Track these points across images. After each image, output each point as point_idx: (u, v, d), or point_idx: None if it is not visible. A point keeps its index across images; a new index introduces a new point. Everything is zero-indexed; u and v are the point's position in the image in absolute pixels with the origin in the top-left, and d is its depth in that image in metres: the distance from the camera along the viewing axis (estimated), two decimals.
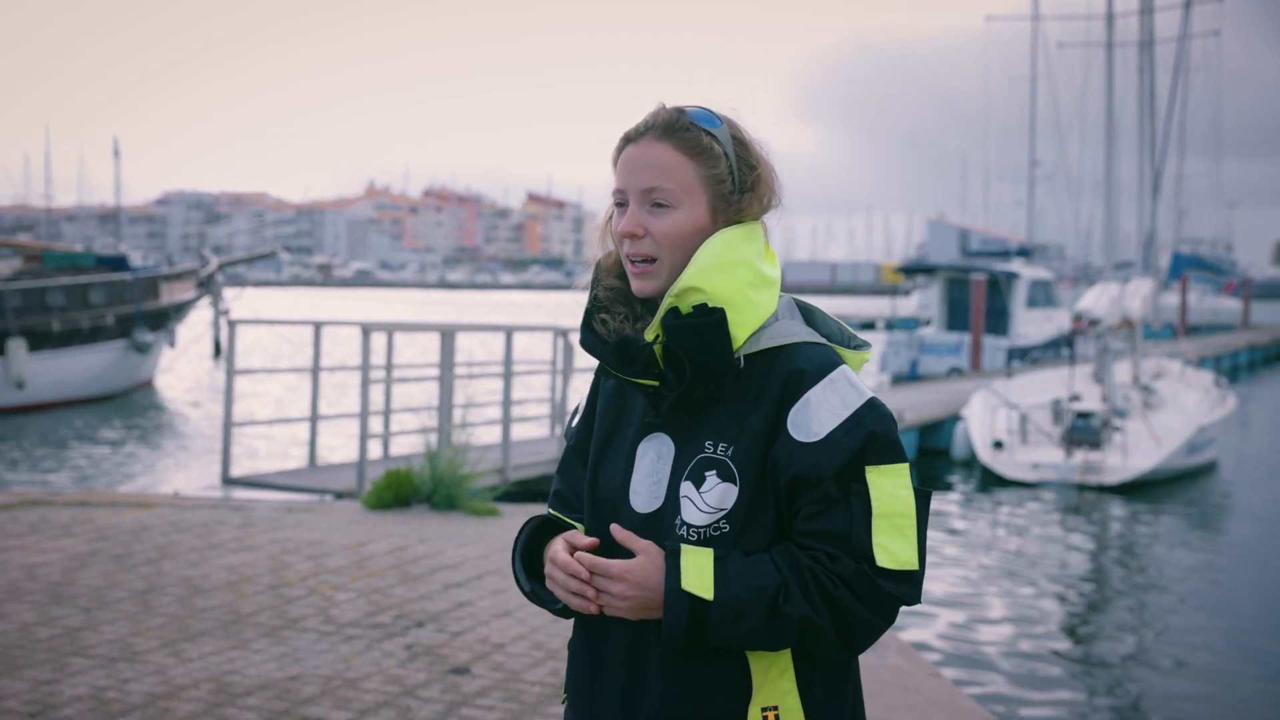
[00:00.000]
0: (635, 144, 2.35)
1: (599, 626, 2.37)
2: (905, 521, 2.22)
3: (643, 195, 2.32)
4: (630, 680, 2.32)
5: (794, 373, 2.27)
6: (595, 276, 2.44)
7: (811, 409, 2.24)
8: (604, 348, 2.35)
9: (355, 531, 9.94)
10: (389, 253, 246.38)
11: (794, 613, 2.15)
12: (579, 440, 2.55)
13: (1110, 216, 25.76)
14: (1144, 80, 27.53)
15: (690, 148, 2.32)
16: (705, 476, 2.27)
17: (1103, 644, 10.94)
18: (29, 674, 6.18)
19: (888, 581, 2.19)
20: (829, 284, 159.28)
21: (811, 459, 2.22)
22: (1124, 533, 16.30)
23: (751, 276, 2.32)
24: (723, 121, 2.37)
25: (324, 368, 13.78)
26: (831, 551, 2.19)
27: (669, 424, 2.34)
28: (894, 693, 6.61)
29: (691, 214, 2.32)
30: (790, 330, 2.33)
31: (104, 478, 18.76)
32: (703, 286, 2.27)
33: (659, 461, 2.34)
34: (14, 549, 8.99)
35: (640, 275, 2.33)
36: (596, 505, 2.41)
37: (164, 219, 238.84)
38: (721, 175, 2.33)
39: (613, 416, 2.46)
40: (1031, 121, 48.06)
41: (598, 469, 2.44)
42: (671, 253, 2.31)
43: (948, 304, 37.14)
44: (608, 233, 2.45)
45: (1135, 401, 22.43)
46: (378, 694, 6.03)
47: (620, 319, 2.40)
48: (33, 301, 26.92)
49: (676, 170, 2.31)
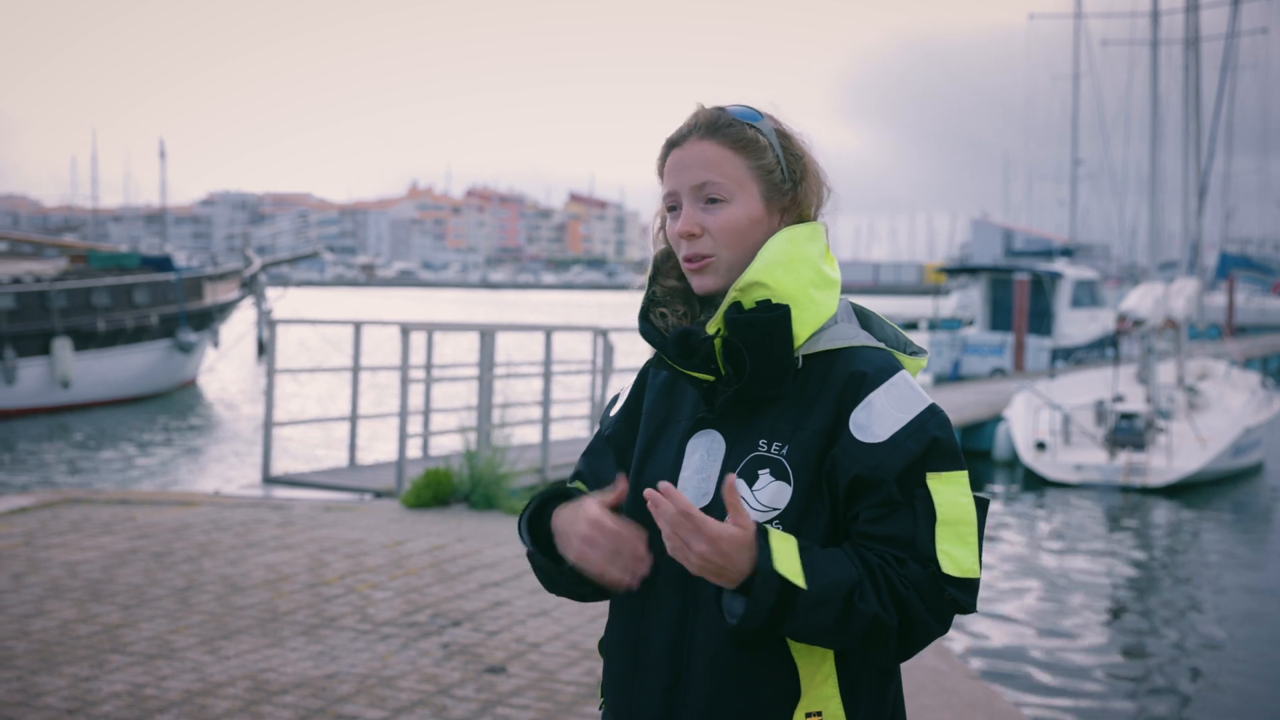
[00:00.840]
0: (680, 147, 2.34)
1: (639, 624, 2.34)
2: (968, 529, 2.20)
3: (695, 192, 2.31)
4: (674, 680, 2.28)
5: (855, 375, 2.25)
6: (652, 274, 2.43)
7: (875, 411, 2.22)
8: (663, 339, 2.33)
9: (393, 530, 9.96)
10: (431, 253, 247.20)
11: (868, 610, 2.11)
12: (615, 431, 2.51)
13: (1154, 216, 25.57)
14: (1189, 78, 27.32)
15: (736, 141, 2.31)
16: (758, 475, 2.24)
17: (1144, 650, 10.85)
18: (68, 670, 6.22)
19: (950, 588, 2.17)
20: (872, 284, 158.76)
21: (875, 459, 2.19)
22: (1168, 536, 16.17)
23: (815, 276, 2.30)
24: (763, 115, 2.36)
25: (364, 367, 13.83)
26: (899, 555, 2.17)
27: (721, 421, 2.32)
28: (930, 694, 6.57)
29: (746, 207, 2.30)
30: (850, 333, 2.32)
31: (146, 476, 18.89)
32: (767, 282, 2.25)
33: (709, 458, 2.31)
34: (56, 546, 9.05)
35: (698, 271, 2.31)
36: (641, 499, 2.39)
37: (209, 219, 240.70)
38: (770, 165, 2.32)
39: (662, 412, 2.43)
40: (1074, 120, 47.74)
41: (644, 464, 2.41)
42: (729, 248, 2.29)
43: (991, 304, 36.95)
44: (659, 238, 2.44)
45: (1180, 402, 22.24)
46: (413, 693, 6.04)
47: (679, 315, 2.38)
48: (78, 301, 27.13)
49: (725, 164, 2.30)
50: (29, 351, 25.94)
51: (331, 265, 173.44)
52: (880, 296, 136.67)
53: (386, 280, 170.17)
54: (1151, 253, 25.45)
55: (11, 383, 25.48)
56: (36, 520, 10.01)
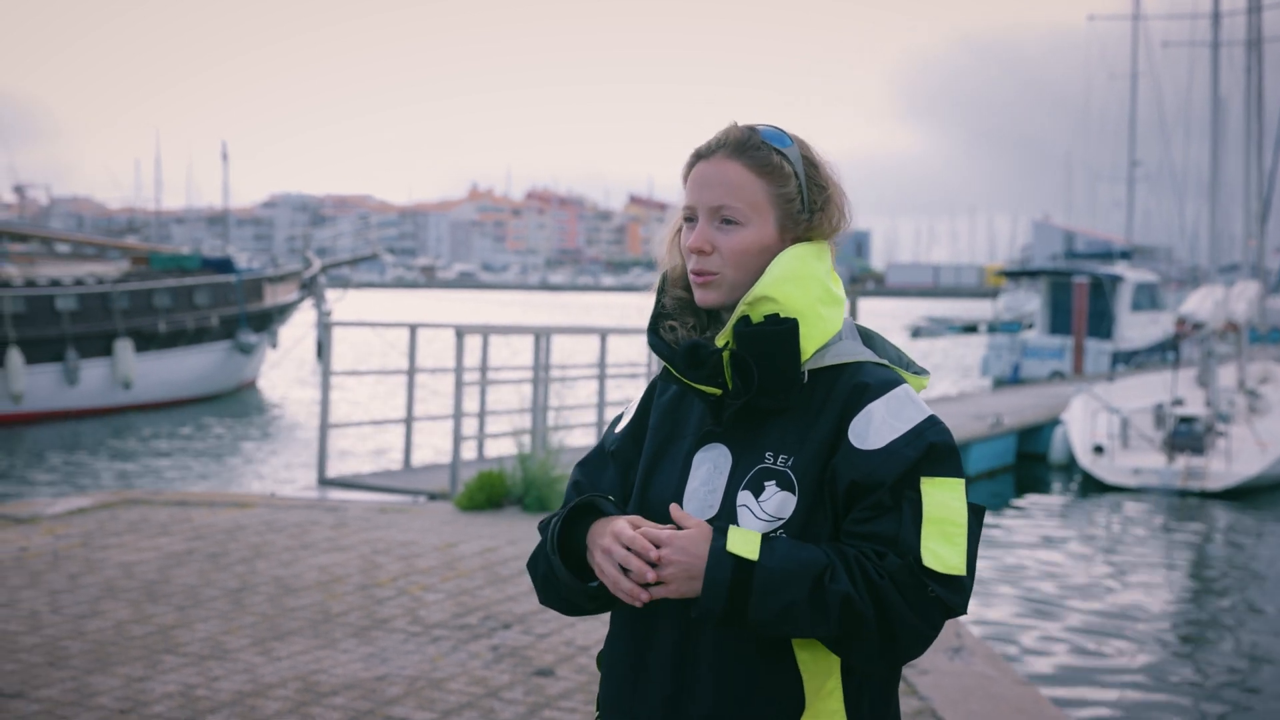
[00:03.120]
0: (706, 161, 2.37)
1: (643, 634, 2.36)
2: (955, 530, 2.22)
3: (712, 212, 2.35)
4: (677, 689, 2.30)
5: (857, 386, 2.30)
6: (662, 286, 2.47)
7: (873, 420, 2.26)
8: (672, 351, 2.37)
9: (446, 532, 10.02)
10: (491, 254, 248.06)
11: (839, 590, 2.14)
12: (620, 448, 2.54)
13: (1215, 219, 25.32)
14: (1251, 79, 27.05)
15: (761, 166, 2.34)
16: (764, 486, 2.28)
17: (1198, 658, 10.74)
18: (122, 670, 6.30)
19: (933, 583, 2.18)
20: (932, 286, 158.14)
21: (870, 465, 2.23)
22: (1226, 541, 16.01)
23: (822, 292, 2.35)
24: (794, 141, 2.39)
25: (419, 370, 13.91)
26: (879, 549, 2.20)
27: (728, 434, 2.35)
28: (978, 699, 6.55)
29: (760, 232, 2.34)
30: (854, 350, 2.36)
31: (204, 477, 19.08)
32: (776, 296, 2.29)
33: (715, 471, 2.34)
34: (113, 547, 9.16)
35: (703, 285, 2.36)
36: (646, 514, 2.40)
37: (270, 221, 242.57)
38: (791, 195, 2.35)
39: (667, 428, 2.46)
40: (1132, 121, 47.27)
41: (649, 480, 2.44)
42: (736, 269, 2.34)
43: (1051, 307, 36.71)
44: (675, 245, 2.47)
45: (1240, 406, 21.99)
46: (461, 695, 6.07)
47: (688, 328, 2.43)
48: (139, 303, 27.44)
49: (746, 188, 2.33)
50: (91, 352, 26.26)
51: (391, 267, 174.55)
52: (940, 299, 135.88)
53: (446, 282, 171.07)
54: (1212, 255, 25.21)
55: (74, 383, 25.80)
56: (95, 521, 10.14)
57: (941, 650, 7.28)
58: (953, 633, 7.64)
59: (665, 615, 2.31)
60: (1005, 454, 20.97)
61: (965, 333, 71.28)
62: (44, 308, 25.59)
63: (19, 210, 48.63)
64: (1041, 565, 13.88)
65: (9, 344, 24.67)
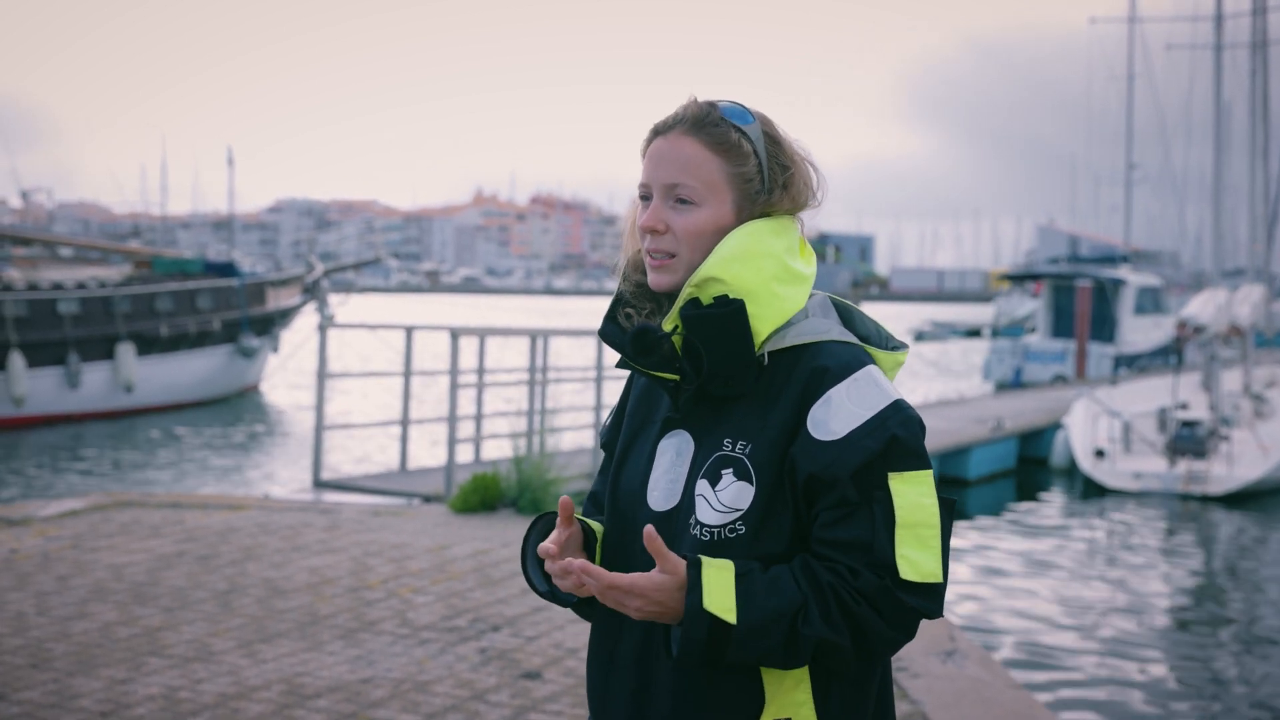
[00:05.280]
0: (664, 137, 2.29)
1: (612, 628, 2.32)
2: (929, 532, 2.14)
3: (666, 191, 2.27)
4: (640, 684, 2.27)
5: (817, 370, 2.20)
6: (624, 272, 2.40)
7: (832, 407, 2.17)
8: (621, 337, 2.30)
9: (439, 535, 9.97)
10: (496, 259, 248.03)
11: (812, 635, 2.08)
12: (609, 440, 2.51)
13: (1218, 222, 25.22)
14: (1255, 83, 26.95)
15: (718, 143, 2.26)
16: (721, 475, 2.21)
17: (1198, 662, 10.67)
18: (105, 673, 6.25)
19: (910, 595, 2.11)
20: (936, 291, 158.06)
21: (829, 457, 2.14)
22: (1227, 544, 15.93)
23: (778, 270, 2.25)
24: (755, 118, 2.31)
25: (415, 372, 13.88)
26: (853, 565, 2.11)
27: (690, 421, 2.29)
28: (971, 704, 6.48)
29: (715, 212, 2.26)
30: (819, 328, 2.26)
31: (202, 480, 19.03)
32: (723, 277, 2.21)
33: (678, 459, 2.28)
34: (104, 549, 9.12)
35: (657, 269, 2.28)
36: (616, 502, 2.37)
37: (276, 226, 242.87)
38: (749, 174, 2.27)
39: (640, 415, 2.41)
40: (1129, 123, 47.03)
41: (621, 467, 2.40)
42: (691, 250, 2.26)
43: (1053, 310, 36.64)
44: (635, 230, 2.40)
45: (1245, 410, 21.90)
46: (447, 697, 6.02)
47: (646, 314, 2.35)
48: (141, 306, 27.40)
49: (702, 166, 2.25)
50: (93, 356, 26.24)
51: (396, 272, 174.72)
52: (945, 303, 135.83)
53: (451, 286, 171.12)
54: (1215, 259, 25.09)
55: (75, 387, 25.77)
56: (87, 523, 10.09)
57: (934, 653, 7.21)
58: (946, 635, 7.58)
59: (627, 616, 2.25)
60: (1006, 458, 20.89)
61: (969, 337, 71.19)
62: (46, 311, 25.56)
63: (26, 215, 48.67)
64: (1040, 569, 13.81)
65: (11, 347, 24.64)
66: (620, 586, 2.09)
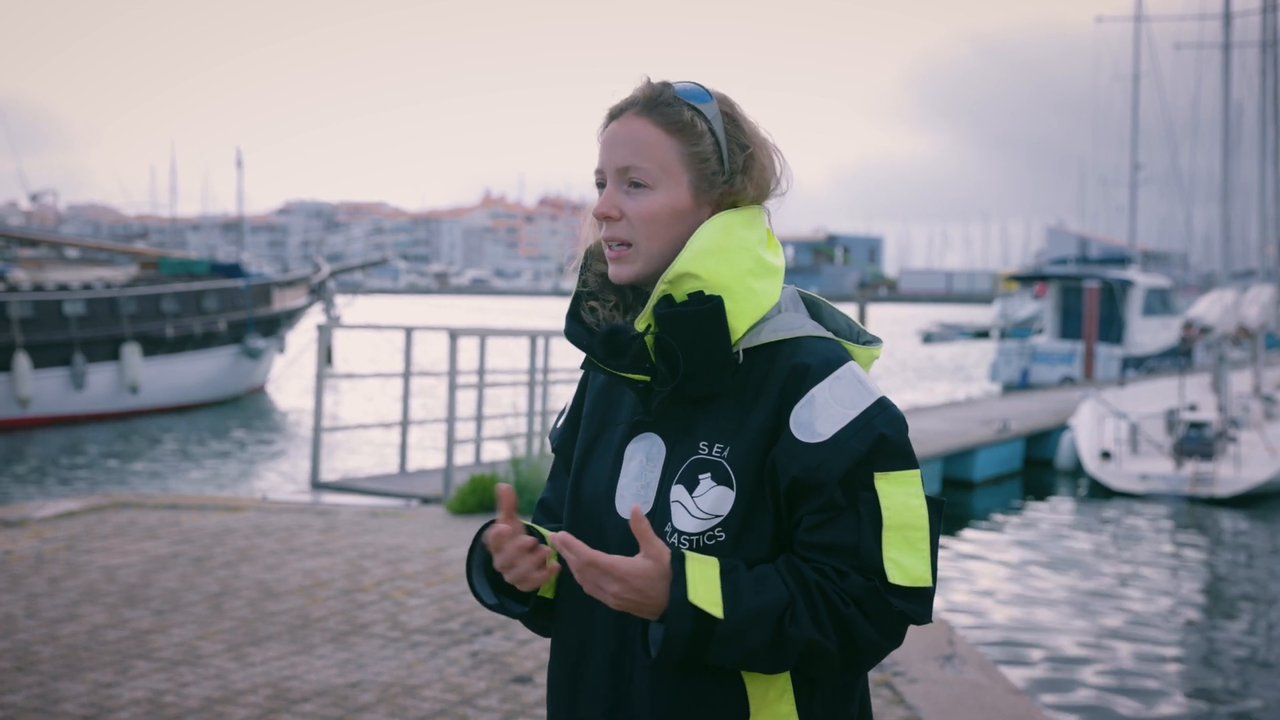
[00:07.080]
0: (617, 120, 2.19)
1: (576, 647, 2.21)
2: (918, 534, 2.05)
3: (619, 174, 2.17)
4: (614, 702, 2.15)
5: (798, 368, 2.10)
6: (585, 263, 2.28)
7: (816, 407, 2.07)
8: (590, 339, 2.19)
9: (436, 537, 9.89)
10: (504, 261, 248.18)
11: (800, 635, 1.99)
12: (562, 443, 2.39)
13: (1226, 223, 25.09)
14: (1265, 82, 26.84)
15: (671, 123, 2.15)
16: (699, 480, 2.10)
17: (1206, 668, 10.57)
18: (91, 676, 6.18)
19: (899, 599, 2.03)
20: (945, 292, 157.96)
21: (815, 460, 2.05)
22: (1233, 547, 15.82)
23: (753, 264, 2.15)
24: (714, 97, 2.20)
25: (414, 373, 13.81)
26: (840, 567, 2.03)
27: (660, 423, 2.18)
28: (969, 710, 6.39)
29: (670, 195, 2.15)
30: (794, 323, 2.16)
31: (204, 481, 18.97)
32: (698, 273, 2.10)
33: (648, 464, 2.17)
34: (98, 551, 9.05)
35: (616, 260, 2.18)
36: (578, 510, 2.25)
37: (285, 228, 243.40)
38: (705, 154, 2.16)
39: (599, 416, 2.29)
40: (1134, 123, 46.78)
41: (581, 472, 2.28)
42: (648, 237, 2.15)
43: (1061, 312, 36.52)
44: (594, 220, 2.29)
45: (1254, 412, 21.77)
46: (435, 702, 5.94)
47: (610, 308, 2.24)
48: (147, 307, 27.38)
49: (655, 148, 2.15)
50: (98, 357, 26.22)
51: (405, 273, 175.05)
52: (954, 305, 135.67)
53: (459, 288, 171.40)
54: (1224, 260, 24.97)
55: (81, 388, 25.75)
56: (82, 524, 10.03)
57: (932, 658, 7.12)
58: (944, 639, 7.49)
59: (601, 627, 2.16)
60: (1012, 459, 20.79)
61: (977, 338, 71.03)
62: (51, 312, 25.55)
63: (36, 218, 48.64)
64: (1044, 571, 13.71)
65: (16, 348, 24.64)
66: (599, 565, 1.98)
